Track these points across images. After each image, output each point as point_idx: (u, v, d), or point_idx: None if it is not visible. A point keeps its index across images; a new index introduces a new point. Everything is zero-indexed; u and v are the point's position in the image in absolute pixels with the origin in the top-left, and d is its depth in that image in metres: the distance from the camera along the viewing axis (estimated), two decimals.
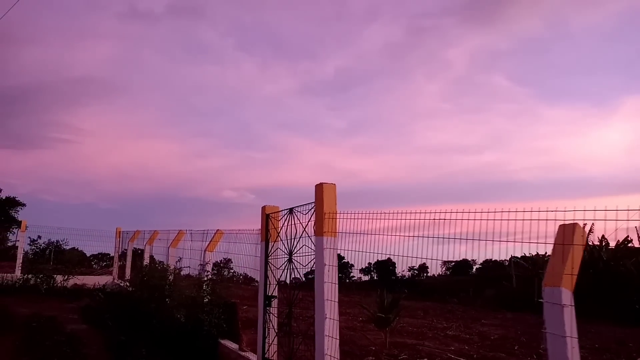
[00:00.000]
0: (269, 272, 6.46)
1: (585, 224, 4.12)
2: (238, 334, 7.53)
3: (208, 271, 8.93)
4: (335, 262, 5.22)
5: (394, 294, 9.69)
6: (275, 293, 6.43)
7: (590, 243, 17.11)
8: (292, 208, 6.03)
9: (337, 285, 5.16)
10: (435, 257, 4.39)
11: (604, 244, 17.01)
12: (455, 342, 8.95)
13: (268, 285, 6.44)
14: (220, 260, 9.56)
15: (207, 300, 8.32)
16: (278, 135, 43.35)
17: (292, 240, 5.98)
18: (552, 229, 3.57)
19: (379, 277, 32.87)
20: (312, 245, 5.51)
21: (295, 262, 6.03)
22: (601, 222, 3.36)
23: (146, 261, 13.57)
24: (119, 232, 18.49)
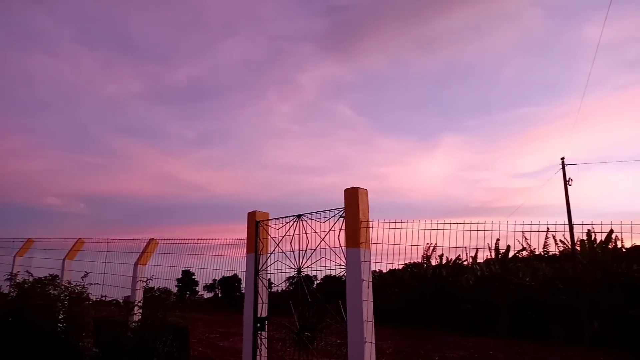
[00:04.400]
0: (260, 289, 5.47)
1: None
2: None
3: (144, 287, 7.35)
4: (371, 277, 4.59)
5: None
6: (265, 313, 5.46)
7: (434, 262, 19.02)
8: (301, 214, 5.22)
9: (372, 304, 4.53)
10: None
11: (443, 262, 18.91)
12: None
13: (258, 306, 5.44)
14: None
15: (134, 325, 6.80)
16: (118, 140, 39.67)
17: (301, 252, 5.14)
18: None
19: (223, 293, 31.83)
20: (335, 257, 4.79)
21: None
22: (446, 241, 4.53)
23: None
24: None
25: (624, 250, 14.24)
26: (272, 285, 6.97)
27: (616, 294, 12.71)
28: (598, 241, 14.47)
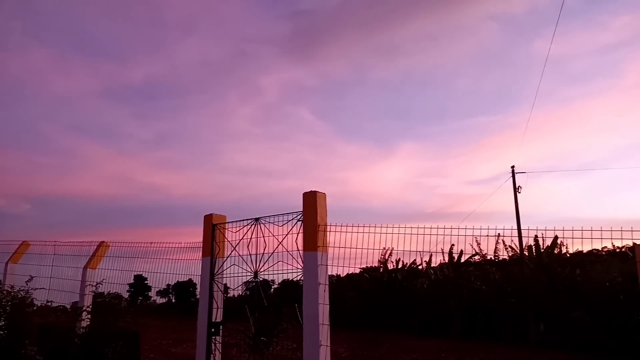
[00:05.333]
0: (215, 294, 5.39)
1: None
2: None
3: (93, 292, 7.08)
4: (328, 281, 4.62)
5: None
6: (220, 318, 5.38)
7: (390, 265, 19.44)
8: (259, 218, 5.19)
9: (328, 307, 4.56)
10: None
11: (399, 266, 19.37)
12: None
13: (212, 310, 5.35)
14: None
15: (82, 331, 6.55)
16: (69, 139, 38.12)
17: (258, 255, 5.11)
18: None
19: (177, 299, 31.17)
20: (292, 261, 4.79)
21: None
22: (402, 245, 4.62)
23: None
24: None
25: (568, 255, 14.98)
26: (229, 289, 6.90)
27: (560, 297, 13.32)
28: (544, 247, 15.16)
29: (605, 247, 18.68)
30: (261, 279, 5.23)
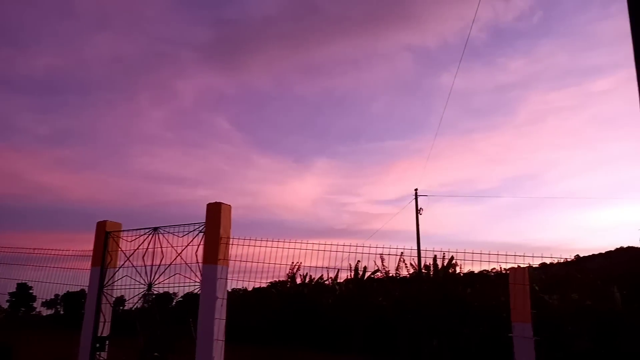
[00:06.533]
0: (103, 306, 5.01)
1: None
2: None
3: None
4: (226, 295, 4.50)
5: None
6: (107, 332, 5.00)
7: (299, 280, 19.72)
8: (158, 227, 4.95)
9: (225, 323, 4.44)
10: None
11: (307, 281, 19.73)
12: None
13: (99, 324, 4.96)
14: None
15: None
16: None
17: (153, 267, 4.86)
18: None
19: (66, 310, 28.97)
20: (191, 273, 4.62)
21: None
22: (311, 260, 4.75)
23: None
24: None
25: (461, 274, 16.05)
26: (126, 302, 6.47)
27: (453, 315, 14.19)
28: (440, 266, 16.12)
29: (494, 268, 20.32)
30: (162, 292, 4.98)
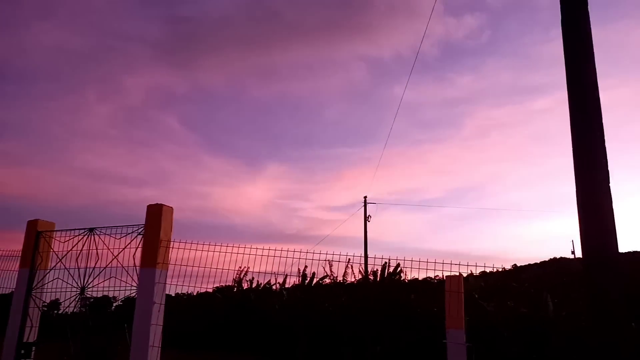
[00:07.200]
0: (31, 310, 4.74)
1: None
2: None
3: None
4: (164, 300, 4.38)
5: None
6: (34, 338, 4.73)
7: (245, 285, 19.62)
8: (94, 228, 4.75)
9: (162, 329, 4.31)
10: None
11: (254, 286, 19.68)
12: None
13: (25, 329, 4.69)
14: None
15: None
16: None
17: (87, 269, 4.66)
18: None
19: None
20: (127, 277, 4.47)
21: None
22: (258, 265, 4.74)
23: None
24: None
25: (406, 281, 16.43)
26: (60, 306, 6.10)
27: (397, 321, 14.48)
28: (387, 273, 16.44)
29: (437, 275, 20.96)
30: (100, 295, 4.77)
